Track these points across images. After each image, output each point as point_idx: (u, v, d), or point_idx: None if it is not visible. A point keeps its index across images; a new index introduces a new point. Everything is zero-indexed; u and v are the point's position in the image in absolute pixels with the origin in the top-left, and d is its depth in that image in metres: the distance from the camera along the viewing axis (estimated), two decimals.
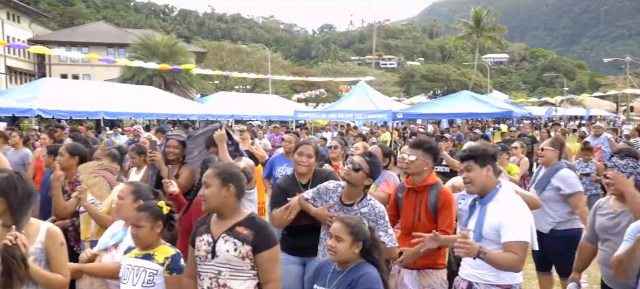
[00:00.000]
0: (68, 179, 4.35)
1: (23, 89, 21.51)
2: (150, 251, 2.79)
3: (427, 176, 3.67)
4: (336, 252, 2.67)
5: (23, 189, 2.56)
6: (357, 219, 2.80)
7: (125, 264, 2.79)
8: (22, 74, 47.78)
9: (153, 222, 2.77)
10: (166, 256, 2.77)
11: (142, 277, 2.71)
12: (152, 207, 2.83)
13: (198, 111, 24.56)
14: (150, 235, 2.78)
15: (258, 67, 50.65)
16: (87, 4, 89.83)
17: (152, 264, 2.74)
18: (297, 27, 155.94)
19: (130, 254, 2.83)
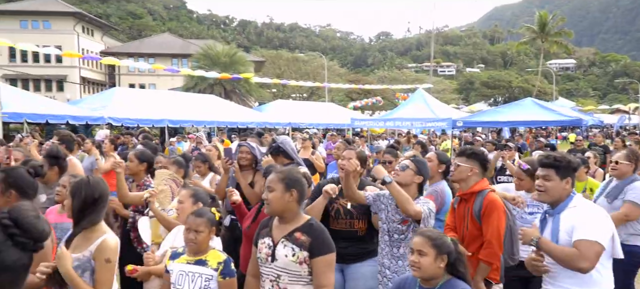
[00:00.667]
0: (136, 182, 4.53)
1: (95, 98, 22.84)
2: (202, 257, 2.83)
3: (473, 184, 3.60)
4: (420, 267, 2.56)
5: (87, 193, 2.68)
6: (438, 232, 2.74)
7: (178, 271, 2.81)
8: (94, 84, 50.80)
9: (209, 228, 2.85)
10: (219, 261, 2.82)
11: (198, 283, 2.76)
12: (208, 213, 2.90)
13: (256, 119, 25.07)
14: (206, 240, 2.85)
15: (315, 75, 51.10)
16: (154, 16, 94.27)
17: (207, 269, 2.79)
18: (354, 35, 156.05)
19: (180, 260, 2.86)
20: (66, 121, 16.57)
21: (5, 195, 2.86)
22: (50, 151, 4.39)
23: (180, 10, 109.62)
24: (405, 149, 12.01)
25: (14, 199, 2.86)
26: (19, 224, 1.27)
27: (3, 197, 2.86)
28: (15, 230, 1.26)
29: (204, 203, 3.20)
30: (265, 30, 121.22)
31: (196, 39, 62.60)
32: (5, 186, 2.86)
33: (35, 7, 46.85)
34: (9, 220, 1.26)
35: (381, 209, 3.49)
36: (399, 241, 3.43)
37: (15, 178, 2.91)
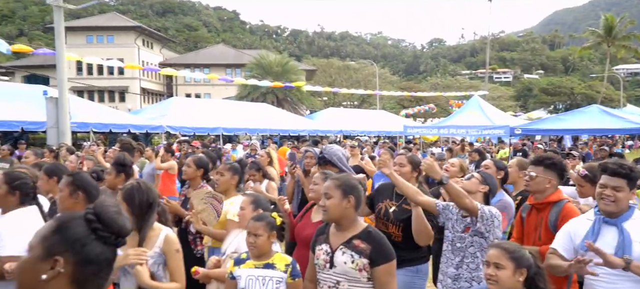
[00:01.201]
0: (192, 187, 4.65)
1: (155, 108, 23.82)
2: (268, 260, 2.88)
3: (550, 194, 3.46)
4: (497, 280, 2.43)
5: (140, 199, 2.80)
6: (517, 245, 2.62)
7: (246, 276, 2.86)
8: (153, 94, 53.00)
9: (269, 232, 2.88)
10: (286, 263, 2.88)
11: (270, 286, 2.81)
12: (267, 217, 2.94)
13: (308, 127, 25.27)
14: (266, 244, 2.88)
15: (366, 83, 50.95)
16: (209, 28, 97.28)
17: (276, 272, 2.84)
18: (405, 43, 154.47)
19: (246, 265, 2.91)
20: (128, 130, 17.34)
21: (73, 197, 3.01)
22: (118, 159, 4.59)
23: (233, 22, 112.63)
24: (461, 156, 11.71)
25: (81, 201, 3.00)
26: (101, 219, 1.33)
27: (71, 199, 3.01)
28: (97, 224, 1.32)
29: (264, 209, 3.23)
30: (317, 39, 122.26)
31: (249, 49, 64.03)
32: (73, 188, 3.01)
33: (100, 23, 49.59)
34: (93, 215, 1.33)
35: (449, 218, 3.42)
36: (460, 250, 3.34)
37: (81, 181, 3.05)
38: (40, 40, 58.11)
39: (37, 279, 1.25)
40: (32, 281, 1.26)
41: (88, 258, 1.29)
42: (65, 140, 11.12)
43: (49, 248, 1.27)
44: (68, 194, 3.00)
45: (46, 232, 1.30)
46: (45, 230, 1.32)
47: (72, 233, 1.29)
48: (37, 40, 58.15)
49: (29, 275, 1.27)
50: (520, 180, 4.47)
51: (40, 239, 1.29)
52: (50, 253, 1.27)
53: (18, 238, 2.93)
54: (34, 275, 1.26)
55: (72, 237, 1.29)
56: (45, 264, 1.26)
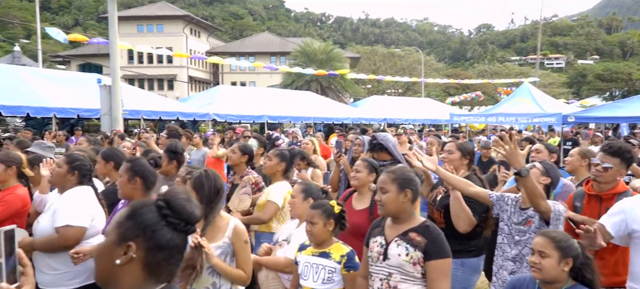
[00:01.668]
0: (237, 174, 4.72)
1: (202, 96, 24.35)
2: (325, 249, 2.86)
3: (616, 184, 3.34)
4: (541, 269, 2.43)
5: (209, 186, 2.83)
6: (564, 234, 2.55)
7: (303, 262, 2.88)
8: (200, 82, 54.19)
9: (326, 220, 2.85)
10: (342, 253, 2.84)
11: (322, 274, 2.80)
12: (324, 205, 2.91)
13: (351, 115, 25.16)
14: (323, 232, 2.85)
15: (411, 70, 50.18)
16: (254, 16, 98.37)
17: (330, 262, 2.81)
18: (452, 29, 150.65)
19: (306, 251, 2.92)
20: (176, 117, 17.82)
21: (131, 182, 3.12)
22: (170, 146, 4.71)
23: (278, 10, 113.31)
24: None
25: (139, 187, 3.12)
26: (171, 206, 1.37)
27: (129, 185, 3.12)
28: (167, 211, 1.36)
29: (314, 198, 3.22)
30: (361, 27, 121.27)
31: (293, 37, 64.32)
32: (131, 174, 3.13)
33: (150, 12, 51.05)
34: (163, 202, 1.37)
35: (504, 210, 3.27)
36: (519, 244, 3.19)
37: (139, 167, 3.16)
38: (94, 29, 60.54)
39: (113, 263, 1.30)
40: (108, 264, 1.31)
41: (159, 244, 1.33)
42: (117, 127, 11.53)
43: (123, 233, 1.32)
44: (126, 179, 3.12)
45: (121, 218, 1.35)
46: (120, 216, 1.36)
47: (143, 219, 1.33)
48: (91, 29, 60.61)
49: (105, 259, 1.32)
50: (582, 169, 4.24)
51: (116, 225, 1.34)
52: (124, 238, 1.31)
53: (70, 210, 3.13)
54: (109, 259, 1.31)
55: (143, 223, 1.33)
56: (119, 249, 1.31)
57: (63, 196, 3.26)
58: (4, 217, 3.47)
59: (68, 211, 3.13)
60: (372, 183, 3.65)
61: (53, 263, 3.13)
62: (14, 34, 51.42)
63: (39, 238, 3.14)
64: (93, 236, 3.21)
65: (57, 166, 3.35)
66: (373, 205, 3.54)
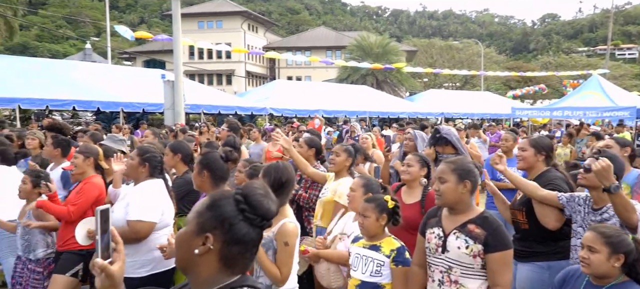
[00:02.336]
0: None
1: (259, 90, 24.82)
2: (376, 242, 2.87)
3: None
4: (589, 264, 2.43)
5: (275, 177, 2.94)
6: (616, 229, 2.49)
7: (354, 253, 2.91)
8: (257, 77, 55.22)
9: (378, 214, 2.85)
10: (392, 248, 2.83)
11: (370, 267, 2.81)
12: (379, 200, 2.91)
13: (407, 109, 24.83)
14: (375, 226, 2.85)
15: (469, 63, 48.83)
16: (310, 11, 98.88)
17: (379, 255, 2.82)
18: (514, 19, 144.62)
19: (358, 243, 2.95)
20: (235, 111, 18.29)
21: (200, 176, 3.25)
22: (228, 141, 4.86)
23: (334, 4, 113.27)
24: (578, 141, 10.81)
25: (207, 180, 3.23)
26: (248, 201, 1.39)
27: (199, 178, 3.26)
28: (244, 206, 1.38)
29: (374, 192, 3.23)
30: (418, 19, 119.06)
31: (349, 31, 64.08)
32: (199, 167, 3.26)
33: (210, 9, 52.50)
34: (241, 197, 1.39)
35: (577, 211, 3.11)
36: None
37: (207, 161, 3.27)
38: (157, 27, 63.06)
39: (192, 252, 1.34)
40: (187, 253, 1.36)
41: (235, 237, 1.36)
42: (179, 120, 11.99)
43: (202, 224, 1.36)
44: (196, 172, 3.26)
45: (201, 208, 1.39)
46: (200, 206, 1.40)
47: (222, 212, 1.36)
48: (155, 27, 63.17)
49: (185, 248, 1.36)
50: None
51: (196, 215, 1.38)
52: (202, 228, 1.35)
53: (142, 205, 3.29)
54: (188, 248, 1.35)
55: (222, 215, 1.36)
56: (198, 239, 1.34)
57: (136, 189, 3.43)
58: (85, 206, 3.71)
59: (140, 205, 3.28)
60: (423, 178, 3.63)
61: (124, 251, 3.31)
62: (86, 33, 54.51)
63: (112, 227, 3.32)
64: (162, 228, 3.37)
65: (129, 159, 3.53)
66: (424, 199, 3.53)
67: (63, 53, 50.87)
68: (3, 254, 4.52)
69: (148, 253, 3.30)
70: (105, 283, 1.33)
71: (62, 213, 3.70)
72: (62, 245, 3.82)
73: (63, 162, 4.80)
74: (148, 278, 3.29)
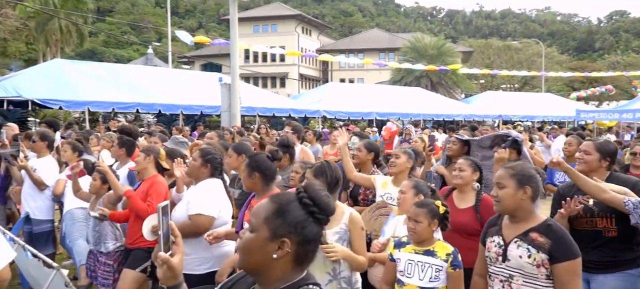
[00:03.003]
0: (362, 171, 4.78)
1: (312, 93, 25.01)
2: (429, 247, 2.84)
3: None
4: None
5: (330, 175, 3.03)
6: None
7: (406, 260, 2.87)
8: (310, 80, 55.71)
9: (430, 219, 2.83)
10: (447, 252, 2.82)
11: (429, 273, 2.78)
12: (430, 205, 2.89)
13: (463, 111, 24.25)
14: (426, 231, 2.84)
15: (529, 64, 47.06)
16: (363, 13, 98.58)
17: (436, 260, 2.80)
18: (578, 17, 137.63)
19: (406, 249, 2.91)
20: (288, 114, 18.52)
21: (251, 177, 3.33)
22: (283, 141, 4.98)
23: (388, 5, 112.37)
24: None
25: (258, 181, 3.32)
26: (316, 203, 1.47)
27: (250, 180, 3.35)
28: (314, 208, 1.46)
29: (425, 195, 3.22)
30: (474, 19, 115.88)
31: (403, 33, 63.41)
32: (251, 169, 3.33)
33: (265, 13, 53.58)
34: (309, 199, 1.46)
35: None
36: None
37: (258, 162, 3.35)
38: (214, 31, 64.96)
39: (268, 257, 1.41)
40: (262, 257, 1.42)
41: (307, 238, 1.44)
42: (236, 123, 12.29)
43: (274, 230, 1.42)
44: (247, 174, 3.35)
45: (268, 214, 1.44)
46: (265, 212, 1.45)
47: (293, 217, 1.43)
48: (212, 31, 65.09)
49: (259, 253, 1.42)
50: None
51: (264, 221, 1.43)
52: (276, 234, 1.41)
53: (203, 200, 3.45)
54: (264, 253, 1.41)
55: (293, 220, 1.43)
56: (273, 244, 1.41)
57: (197, 187, 3.58)
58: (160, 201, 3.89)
59: (200, 201, 3.44)
60: (475, 182, 3.60)
61: (185, 247, 3.44)
62: (148, 38, 57.02)
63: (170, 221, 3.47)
64: (220, 225, 3.49)
65: (192, 160, 3.68)
66: (478, 203, 3.49)
67: (127, 58, 53.45)
68: (74, 237, 4.99)
69: (207, 251, 3.42)
70: (167, 274, 1.43)
71: (143, 209, 3.90)
72: (132, 243, 4.04)
73: (128, 161, 5.06)
74: (207, 276, 3.40)
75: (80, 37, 34.33)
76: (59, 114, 16.61)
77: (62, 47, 32.51)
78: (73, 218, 5.04)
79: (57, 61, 18.38)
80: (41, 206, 5.33)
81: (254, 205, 3.26)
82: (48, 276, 3.37)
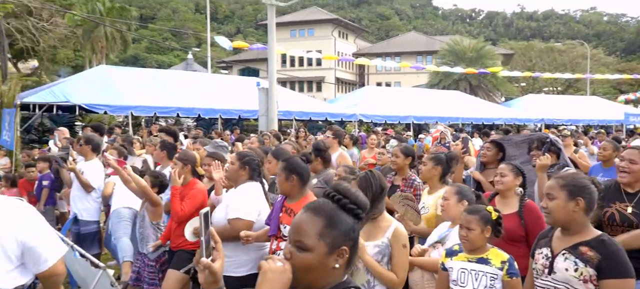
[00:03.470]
0: (399, 175, 4.76)
1: (348, 97, 25.02)
2: (483, 255, 2.76)
3: None
4: None
5: (375, 185, 2.96)
6: None
7: (459, 268, 2.80)
8: (346, 83, 55.70)
9: (483, 226, 2.75)
10: (502, 260, 2.72)
11: (483, 281, 2.71)
12: (482, 211, 2.81)
13: (503, 115, 23.70)
14: (479, 239, 2.76)
15: (573, 66, 45.52)
16: (401, 16, 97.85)
17: (491, 268, 2.71)
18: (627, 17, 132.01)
19: (459, 257, 2.84)
20: (325, 118, 18.57)
21: (289, 181, 3.35)
22: (317, 145, 5.00)
23: (425, 8, 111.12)
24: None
25: (296, 184, 3.35)
26: (357, 204, 1.50)
27: (288, 183, 3.36)
28: (359, 210, 1.49)
29: (469, 201, 3.15)
30: (515, 21, 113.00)
31: (441, 36, 62.58)
32: (288, 172, 3.36)
33: (302, 17, 53.96)
34: (354, 205, 1.49)
35: None
36: None
37: (294, 166, 3.38)
38: (252, 36, 65.91)
39: (328, 269, 1.44)
40: (323, 272, 1.44)
41: (356, 240, 1.49)
42: (273, 127, 12.41)
43: (332, 243, 1.44)
44: (284, 178, 3.35)
45: (320, 229, 1.44)
46: (316, 227, 1.45)
47: (344, 225, 1.46)
48: (250, 36, 66.06)
49: (320, 270, 1.44)
50: None
51: (318, 237, 1.44)
52: (333, 246, 1.44)
53: (242, 204, 3.51)
54: (325, 268, 1.44)
55: (346, 228, 1.46)
56: (332, 256, 1.44)
57: (236, 190, 3.64)
58: (192, 209, 4.01)
59: (240, 205, 3.50)
60: (518, 188, 3.51)
61: (225, 250, 3.51)
62: (188, 44, 58.38)
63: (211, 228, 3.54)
64: (259, 228, 3.54)
65: (230, 163, 3.75)
66: (522, 209, 3.40)
67: (168, 63, 54.88)
68: (118, 235, 5.17)
69: (247, 254, 3.48)
70: (209, 279, 1.46)
71: (175, 208, 4.02)
72: (176, 245, 4.18)
73: (169, 164, 5.21)
74: (246, 278, 3.45)
75: (124, 43, 35.50)
76: (104, 118, 17.22)
77: (107, 53, 33.70)
78: (119, 216, 5.24)
79: (102, 67, 19.10)
80: (88, 207, 5.54)
81: (289, 208, 3.31)
82: (95, 276, 3.50)
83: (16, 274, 2.28)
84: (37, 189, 6.87)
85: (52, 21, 24.55)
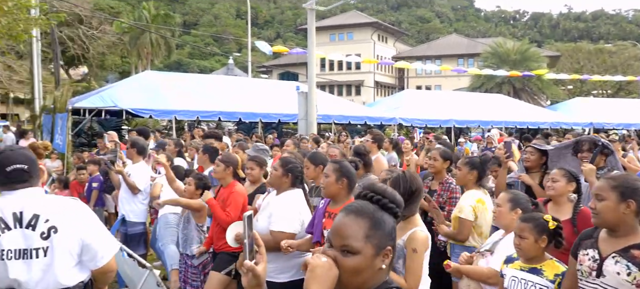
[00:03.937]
0: (436, 180, 4.71)
1: (388, 100, 24.82)
2: (536, 265, 2.68)
3: None
4: None
5: (405, 187, 2.93)
6: None
7: (510, 276, 2.74)
8: (386, 87, 55.33)
9: (537, 235, 2.66)
10: (556, 272, 2.64)
11: None
12: (537, 219, 2.72)
13: (548, 119, 22.96)
14: (533, 248, 2.68)
15: (624, 68, 43.64)
16: (441, 19, 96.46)
17: (542, 280, 2.63)
18: None
19: (513, 265, 2.78)
20: (364, 122, 18.50)
21: (339, 183, 3.36)
22: (357, 149, 4.98)
23: (467, 10, 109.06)
24: None
25: (345, 187, 3.36)
26: (395, 202, 1.52)
27: (337, 185, 3.36)
28: (397, 209, 1.52)
29: (523, 208, 3.06)
30: (562, 22, 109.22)
31: (483, 38, 61.29)
32: (338, 174, 3.37)
33: (342, 21, 53.98)
34: (393, 204, 1.51)
35: None
36: None
37: (345, 169, 3.40)
38: (291, 41, 66.54)
39: (375, 270, 1.45)
40: (371, 273, 1.45)
41: (394, 235, 1.51)
42: (312, 130, 12.47)
43: (378, 245, 1.45)
44: (334, 179, 3.34)
45: (366, 232, 1.44)
46: (362, 230, 1.44)
47: (388, 225, 1.48)
48: (290, 41, 66.72)
49: (368, 271, 1.45)
50: None
51: (365, 240, 1.44)
52: (379, 248, 1.45)
53: (285, 216, 3.54)
54: (372, 269, 1.44)
55: (389, 228, 1.48)
56: (379, 257, 1.45)
57: (279, 199, 3.67)
58: (237, 213, 4.08)
59: (282, 217, 3.54)
60: (572, 194, 3.39)
61: (267, 257, 3.56)
62: (229, 49, 59.51)
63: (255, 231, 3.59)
64: (302, 236, 3.56)
65: (273, 169, 3.79)
66: (575, 216, 3.28)
67: (210, 68, 56.11)
68: (165, 242, 5.29)
69: (289, 260, 3.50)
70: (252, 282, 1.46)
71: (220, 216, 4.09)
72: (218, 247, 4.26)
73: (211, 167, 5.32)
74: (288, 284, 3.48)
75: (168, 49, 36.61)
76: (149, 122, 17.76)
77: (152, 59, 34.82)
78: (167, 223, 5.35)
79: (147, 73, 19.72)
80: (135, 209, 5.72)
81: (332, 212, 3.30)
82: (142, 275, 3.61)
83: (76, 271, 2.38)
84: (87, 191, 7.16)
85: (101, 29, 25.59)
